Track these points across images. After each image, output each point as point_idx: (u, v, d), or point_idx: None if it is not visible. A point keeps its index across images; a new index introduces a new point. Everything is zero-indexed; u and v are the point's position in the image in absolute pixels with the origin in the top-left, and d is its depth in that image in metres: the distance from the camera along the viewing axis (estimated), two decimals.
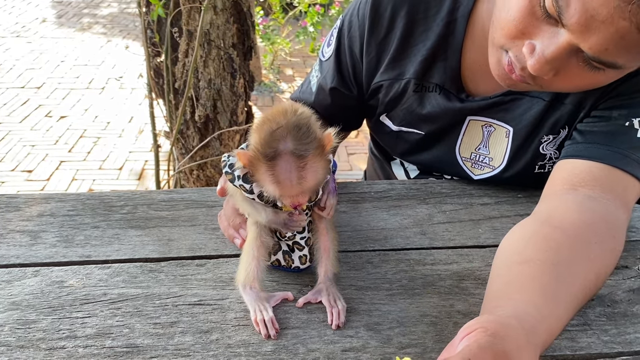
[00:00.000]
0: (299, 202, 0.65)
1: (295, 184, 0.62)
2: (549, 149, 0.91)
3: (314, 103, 1.03)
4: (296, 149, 0.61)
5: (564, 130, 0.89)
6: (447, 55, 0.91)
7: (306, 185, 0.63)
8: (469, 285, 0.75)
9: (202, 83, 2.09)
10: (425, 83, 0.94)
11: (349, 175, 3.34)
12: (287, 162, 0.62)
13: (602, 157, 0.78)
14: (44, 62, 5.00)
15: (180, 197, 0.95)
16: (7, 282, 0.74)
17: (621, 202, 0.75)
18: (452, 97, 0.92)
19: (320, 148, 0.64)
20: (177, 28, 1.99)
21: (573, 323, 0.68)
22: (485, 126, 0.93)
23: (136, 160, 3.50)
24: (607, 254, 0.70)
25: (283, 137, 0.62)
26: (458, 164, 0.98)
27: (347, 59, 0.99)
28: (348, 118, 1.05)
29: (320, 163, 0.64)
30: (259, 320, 0.66)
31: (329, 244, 0.73)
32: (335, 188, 0.73)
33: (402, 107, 0.97)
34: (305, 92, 1.07)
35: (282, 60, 4.89)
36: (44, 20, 6.17)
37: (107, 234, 0.85)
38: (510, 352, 0.52)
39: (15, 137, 3.71)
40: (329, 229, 0.74)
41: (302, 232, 0.73)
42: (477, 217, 0.90)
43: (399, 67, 0.94)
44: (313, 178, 0.64)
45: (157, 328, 0.67)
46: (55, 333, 0.66)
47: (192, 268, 0.78)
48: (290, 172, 0.62)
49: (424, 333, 0.67)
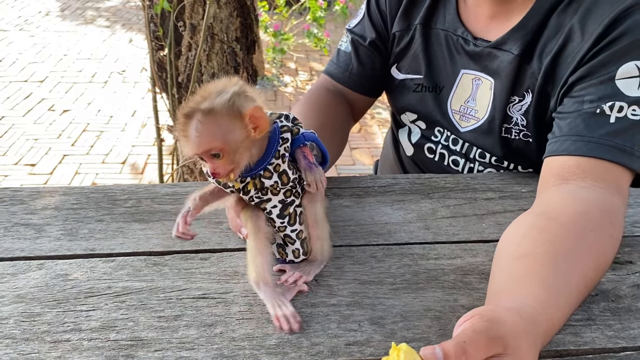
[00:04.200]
0: (216, 171, 0.65)
1: (193, 137, 0.63)
2: (515, 112, 0.95)
3: (347, 66, 1.13)
4: (204, 107, 0.63)
5: (527, 95, 0.93)
6: (445, 2, 1.02)
7: (203, 140, 0.63)
8: (473, 279, 0.75)
9: (206, 77, 2.09)
10: (430, 29, 1.03)
11: (352, 170, 3.33)
12: (193, 118, 0.63)
13: (583, 150, 0.79)
14: (47, 55, 5.00)
15: (184, 191, 0.95)
16: (12, 275, 0.75)
17: (614, 189, 0.77)
18: (451, 38, 1.01)
19: (234, 113, 0.63)
20: (181, 22, 1.99)
21: (577, 318, 0.68)
22: (474, 79, 1.00)
23: (139, 154, 3.51)
24: (605, 241, 0.70)
25: (203, 99, 0.64)
26: (448, 116, 1.04)
27: (377, 17, 1.10)
28: (375, 79, 1.15)
29: (225, 123, 0.63)
30: (280, 316, 0.66)
31: (317, 234, 0.74)
32: (310, 164, 0.70)
33: (409, 54, 1.07)
34: (340, 59, 1.15)
35: (285, 54, 4.88)
36: (47, 14, 6.17)
37: (111, 227, 0.85)
38: (506, 337, 0.52)
39: (18, 131, 3.71)
40: (319, 220, 0.74)
41: (293, 224, 0.73)
42: (481, 212, 0.90)
43: (408, 17, 1.06)
44: (212, 135, 0.63)
45: (162, 321, 0.67)
46: (60, 326, 0.66)
47: (196, 262, 0.78)
48: (192, 126, 0.63)
49: (428, 327, 0.67)
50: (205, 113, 0.63)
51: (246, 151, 0.66)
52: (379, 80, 1.15)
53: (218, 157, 0.64)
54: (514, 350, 0.52)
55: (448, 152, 1.07)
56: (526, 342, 0.54)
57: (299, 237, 0.74)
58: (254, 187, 0.69)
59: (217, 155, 0.64)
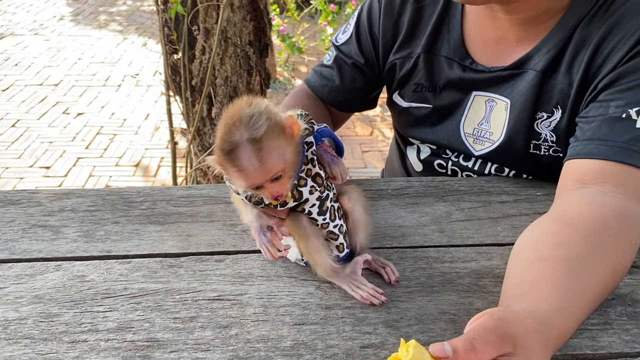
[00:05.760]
0: (278, 193, 0.65)
1: (257, 168, 0.62)
2: (543, 128, 0.93)
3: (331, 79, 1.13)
4: (250, 135, 0.61)
5: (557, 111, 0.91)
6: (449, 29, 1.00)
7: (269, 166, 0.62)
8: (488, 283, 0.75)
9: (219, 80, 2.10)
10: (433, 56, 1.01)
11: (364, 173, 3.33)
12: (244, 150, 0.61)
13: (607, 154, 0.78)
14: (61, 59, 5.05)
15: (199, 193, 0.96)
16: (30, 275, 0.76)
17: (634, 195, 0.75)
18: (457, 65, 0.99)
19: (278, 129, 0.63)
20: (195, 25, 2.00)
21: (594, 322, 0.68)
22: (488, 101, 0.98)
23: (152, 157, 3.53)
24: (623, 246, 0.70)
25: (237, 129, 0.62)
26: (461, 140, 1.02)
27: (367, 40, 1.08)
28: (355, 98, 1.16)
29: (279, 143, 0.63)
30: (365, 297, 0.70)
31: (359, 221, 0.76)
32: (332, 158, 0.71)
33: (412, 82, 1.05)
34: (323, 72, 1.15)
35: (297, 57, 4.90)
36: (61, 18, 6.23)
37: (127, 229, 0.86)
38: (516, 335, 0.52)
39: (33, 134, 3.76)
40: (360, 214, 0.76)
41: (334, 220, 0.73)
42: (496, 215, 0.90)
43: (409, 46, 1.04)
44: (274, 158, 0.63)
45: (177, 322, 0.68)
46: (78, 326, 0.67)
47: (211, 263, 0.78)
48: (249, 158, 0.61)
49: (443, 330, 0.67)
50: (256, 141, 0.61)
51: (295, 162, 0.66)
52: (360, 99, 1.16)
53: (278, 179, 0.64)
54: (524, 349, 0.52)
55: (460, 168, 1.06)
56: (537, 342, 0.54)
57: (341, 232, 0.75)
58: (292, 199, 0.70)
59: (278, 178, 0.64)
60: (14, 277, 0.75)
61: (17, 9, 6.48)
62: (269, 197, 0.66)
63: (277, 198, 0.65)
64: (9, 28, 5.82)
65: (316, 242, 0.72)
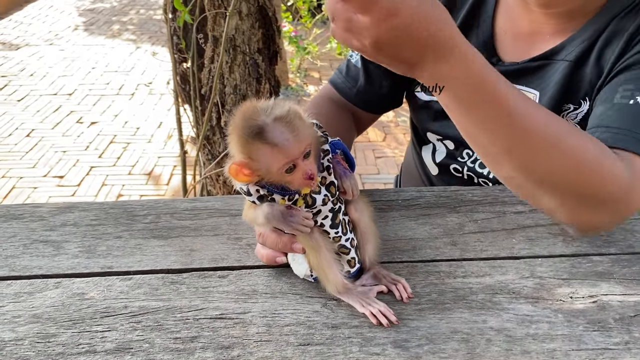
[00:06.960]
0: (311, 171, 0.63)
1: (291, 139, 0.60)
2: (569, 121, 0.91)
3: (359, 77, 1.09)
4: (276, 115, 0.61)
5: (584, 103, 0.89)
6: (479, 23, 0.98)
7: (302, 137, 0.61)
8: (503, 299, 0.71)
9: (228, 89, 2.09)
10: None
11: (377, 179, 3.30)
12: (274, 126, 0.60)
13: (611, 141, 0.75)
14: (75, 69, 5.10)
15: (204, 206, 0.93)
16: (29, 293, 0.74)
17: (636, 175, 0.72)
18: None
19: (295, 111, 0.63)
20: (202, 34, 1.99)
21: (615, 341, 0.64)
22: None
23: (165, 165, 3.54)
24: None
25: (259, 115, 0.61)
26: None
27: None
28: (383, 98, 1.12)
29: (302, 121, 0.63)
30: (375, 314, 0.67)
31: (367, 233, 0.73)
32: (345, 171, 0.70)
33: None
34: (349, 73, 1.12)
35: (309, 63, 4.89)
36: (75, 28, 6.30)
37: (130, 244, 0.84)
38: None
39: (47, 143, 3.78)
40: (368, 225, 0.73)
41: (345, 233, 0.71)
42: (511, 226, 0.86)
43: None
44: (304, 130, 0.62)
45: (177, 343, 0.65)
46: (75, 347, 0.65)
47: (214, 279, 0.76)
48: (282, 132, 0.60)
49: (455, 351, 0.63)
50: (283, 118, 0.61)
51: (316, 144, 0.66)
52: (387, 99, 1.13)
53: (308, 156, 0.63)
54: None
55: (476, 175, 1.03)
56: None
57: (352, 246, 0.72)
58: (304, 203, 0.67)
59: (308, 155, 0.63)
60: (13, 295, 0.74)
61: (33, 20, 6.56)
62: (303, 177, 0.63)
63: (310, 177, 0.63)
64: (25, 39, 5.90)
65: (328, 255, 0.69)
